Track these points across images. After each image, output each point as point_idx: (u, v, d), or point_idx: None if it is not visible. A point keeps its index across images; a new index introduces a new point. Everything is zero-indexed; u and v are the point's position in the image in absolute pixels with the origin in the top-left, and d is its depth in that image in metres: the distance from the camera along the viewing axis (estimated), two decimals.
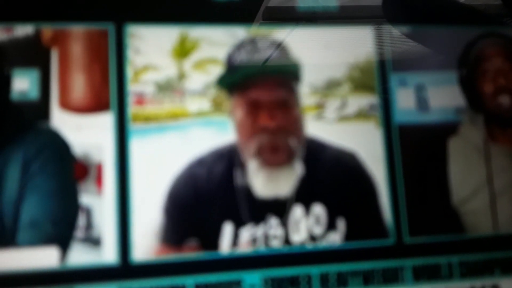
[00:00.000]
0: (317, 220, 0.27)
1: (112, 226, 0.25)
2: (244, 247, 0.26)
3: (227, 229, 0.26)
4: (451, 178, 0.29)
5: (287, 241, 0.27)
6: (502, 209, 0.29)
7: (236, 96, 0.28)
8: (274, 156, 0.28)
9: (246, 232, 0.27)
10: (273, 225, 0.27)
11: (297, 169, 0.28)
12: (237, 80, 0.28)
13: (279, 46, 0.29)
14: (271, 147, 0.27)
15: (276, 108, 0.28)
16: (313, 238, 0.27)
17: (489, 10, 0.33)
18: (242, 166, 0.27)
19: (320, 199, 0.28)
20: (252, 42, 0.28)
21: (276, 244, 0.27)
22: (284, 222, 0.27)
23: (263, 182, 0.27)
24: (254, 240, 0.27)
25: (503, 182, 0.30)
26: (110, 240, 0.25)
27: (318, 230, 0.27)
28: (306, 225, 0.27)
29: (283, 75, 0.29)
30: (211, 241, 0.26)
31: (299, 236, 0.27)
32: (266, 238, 0.27)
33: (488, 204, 0.29)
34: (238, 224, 0.27)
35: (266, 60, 0.28)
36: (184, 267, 0.26)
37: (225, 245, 0.26)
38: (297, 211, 0.27)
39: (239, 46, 0.28)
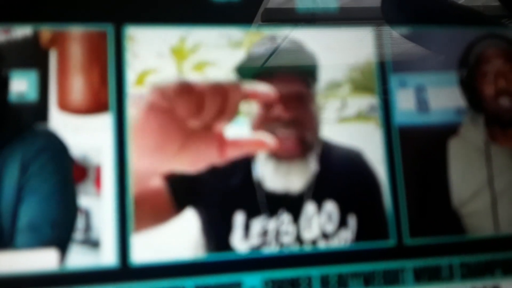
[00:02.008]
0: (329, 218, 0.27)
1: (111, 228, 0.25)
2: (255, 239, 0.26)
3: (239, 219, 0.26)
4: (452, 179, 0.29)
5: (298, 238, 0.27)
6: (503, 210, 0.29)
7: None
8: (285, 148, 0.27)
9: (258, 224, 0.27)
10: (285, 221, 0.27)
11: (311, 165, 0.28)
12: (255, 71, 0.28)
13: (298, 45, 0.28)
14: (282, 138, 0.27)
15: (291, 101, 0.28)
16: (325, 235, 0.27)
17: (489, 11, 0.33)
18: (253, 157, 0.27)
19: (332, 196, 0.27)
20: (272, 40, 0.28)
21: (287, 240, 0.27)
22: (296, 219, 0.27)
23: (273, 174, 0.27)
24: (265, 233, 0.26)
25: (504, 183, 0.30)
26: (109, 242, 0.25)
27: (330, 228, 0.27)
28: (318, 222, 0.27)
29: (299, 71, 0.28)
30: (223, 230, 0.26)
31: (310, 233, 0.27)
32: (277, 234, 0.27)
33: (489, 205, 0.29)
34: (250, 215, 0.27)
35: (284, 58, 0.28)
36: (184, 269, 0.25)
37: (236, 236, 0.26)
38: (309, 208, 0.27)
39: (260, 43, 0.28)
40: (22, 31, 0.26)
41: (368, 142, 0.28)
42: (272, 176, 0.27)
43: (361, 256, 0.27)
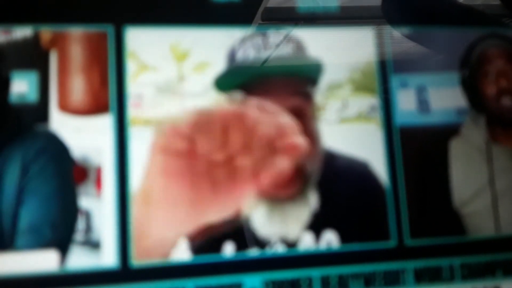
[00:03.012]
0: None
1: (111, 229, 0.25)
2: None
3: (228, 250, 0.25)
4: (453, 180, 0.29)
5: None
6: (504, 210, 0.29)
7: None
8: (280, 186, 0.22)
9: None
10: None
11: (311, 201, 0.23)
12: (238, 83, 0.23)
13: (294, 41, 0.25)
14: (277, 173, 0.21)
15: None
16: None
17: (489, 11, 0.32)
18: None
19: (332, 225, 0.25)
20: (260, 36, 0.24)
21: None
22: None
23: (265, 219, 0.22)
24: None
25: (505, 183, 0.30)
26: (110, 243, 0.25)
27: None
28: None
29: (298, 78, 0.24)
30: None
31: None
32: None
33: (490, 205, 0.29)
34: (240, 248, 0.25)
35: (278, 58, 0.24)
36: (184, 270, 0.25)
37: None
38: (306, 238, 0.25)
39: (245, 39, 0.23)
40: (22, 32, 0.26)
41: (369, 143, 0.28)
42: (263, 222, 0.22)
43: (362, 257, 0.27)
